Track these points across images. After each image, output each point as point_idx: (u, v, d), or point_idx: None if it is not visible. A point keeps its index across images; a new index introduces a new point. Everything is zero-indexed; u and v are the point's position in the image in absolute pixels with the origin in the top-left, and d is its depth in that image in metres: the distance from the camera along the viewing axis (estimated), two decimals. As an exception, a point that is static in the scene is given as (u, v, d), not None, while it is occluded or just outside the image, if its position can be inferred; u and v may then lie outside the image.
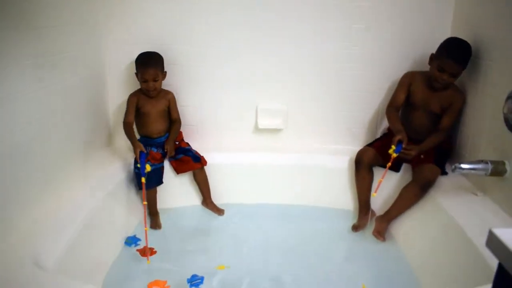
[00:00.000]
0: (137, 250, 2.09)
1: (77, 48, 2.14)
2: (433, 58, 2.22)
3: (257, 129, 2.63)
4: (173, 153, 2.36)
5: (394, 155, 2.13)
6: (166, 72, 2.40)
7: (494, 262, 0.79)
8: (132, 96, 2.38)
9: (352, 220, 2.40)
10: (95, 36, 2.37)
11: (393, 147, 2.15)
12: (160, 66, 2.35)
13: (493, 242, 0.76)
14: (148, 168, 2.15)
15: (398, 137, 2.15)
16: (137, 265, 2.01)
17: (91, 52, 2.33)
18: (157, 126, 2.40)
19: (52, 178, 1.92)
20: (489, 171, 1.89)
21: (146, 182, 2.23)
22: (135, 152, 2.22)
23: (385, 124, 2.60)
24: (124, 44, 2.47)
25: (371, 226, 2.29)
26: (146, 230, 2.01)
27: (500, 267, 0.76)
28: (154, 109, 2.38)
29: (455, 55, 2.13)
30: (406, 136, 2.17)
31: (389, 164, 2.13)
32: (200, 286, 1.81)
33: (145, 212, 2.11)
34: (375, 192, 2.17)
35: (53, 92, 1.90)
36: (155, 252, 2.08)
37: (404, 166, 2.41)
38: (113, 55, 2.49)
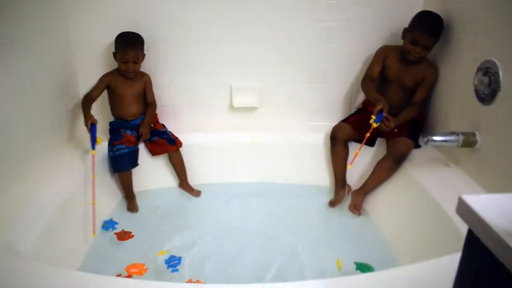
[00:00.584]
0: (115, 233, 2.07)
1: (37, 29, 2.03)
2: (405, 32, 2.24)
3: (232, 108, 2.62)
4: (148, 137, 2.33)
5: (375, 125, 2.09)
6: (145, 54, 2.36)
7: (465, 229, 0.81)
8: (105, 76, 2.33)
9: (329, 195, 2.43)
10: (60, 15, 2.28)
11: (373, 117, 2.11)
12: (141, 48, 2.30)
13: (463, 209, 0.78)
14: (99, 141, 2.13)
15: (379, 107, 2.12)
16: (115, 248, 2.00)
17: (55, 32, 2.23)
18: (131, 109, 2.36)
19: (22, 165, 1.87)
20: (461, 142, 1.93)
21: (122, 164, 2.22)
22: (86, 124, 2.15)
23: (359, 99, 2.62)
24: (92, 23, 2.39)
25: (348, 201, 2.32)
26: (94, 177, 2.04)
27: (470, 232, 0.78)
28: (129, 91, 2.33)
29: (427, 28, 2.14)
30: (386, 104, 2.14)
31: (368, 134, 2.09)
32: (177, 267, 1.80)
33: (93, 185, 2.06)
34: (350, 164, 2.18)
35: (14, 74, 1.82)
36: (132, 236, 2.07)
37: (379, 141, 2.44)
38: (81, 35, 2.40)
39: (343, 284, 1.25)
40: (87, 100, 2.26)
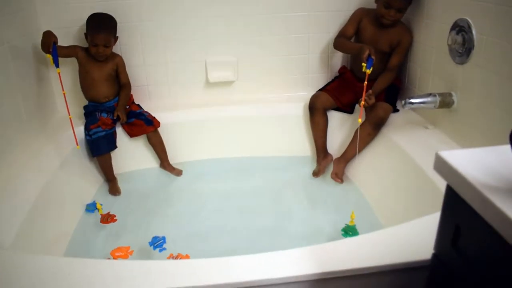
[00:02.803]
0: (101, 216, 2.04)
1: (3, 11, 1.95)
2: None
3: (208, 83, 2.58)
4: (125, 120, 2.28)
5: (368, 71, 2.02)
6: (118, 37, 2.29)
7: (444, 187, 0.81)
8: (78, 47, 2.27)
9: (312, 165, 2.43)
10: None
11: (364, 64, 2.05)
12: (113, 31, 2.24)
13: (440, 165, 0.78)
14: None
15: (366, 52, 2.06)
16: (99, 232, 1.98)
17: (21, 15, 2.14)
18: (104, 90, 2.31)
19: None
20: (438, 103, 1.94)
21: (99, 147, 2.18)
22: (46, 42, 2.05)
23: (336, 67, 2.60)
24: (61, 4, 2.31)
25: (330, 169, 2.33)
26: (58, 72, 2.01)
27: (448, 187, 0.79)
28: (99, 72, 2.28)
29: None
30: (371, 47, 2.09)
31: (366, 82, 2.01)
32: (164, 245, 1.80)
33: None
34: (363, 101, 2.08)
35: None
36: (115, 220, 2.05)
37: (357, 107, 2.44)
38: (48, 17, 2.32)
39: (328, 250, 1.26)
40: (48, 32, 2.13)
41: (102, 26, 2.19)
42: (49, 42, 2.05)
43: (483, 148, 0.80)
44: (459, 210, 0.75)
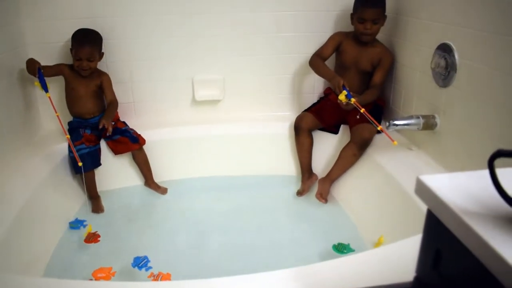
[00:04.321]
0: (84, 241, 1.99)
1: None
2: (352, 16, 2.30)
3: (195, 102, 2.58)
4: (110, 131, 2.20)
5: (353, 100, 2.04)
6: (103, 53, 2.30)
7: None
8: (62, 64, 2.29)
9: (297, 185, 2.43)
10: (11, 12, 2.18)
11: (344, 92, 2.07)
12: (97, 46, 2.24)
13: (421, 189, 0.79)
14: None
15: (341, 82, 2.12)
16: (81, 251, 1.95)
17: (6, 30, 2.13)
18: (89, 107, 2.30)
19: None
20: (421, 125, 1.97)
21: (83, 164, 2.16)
22: (31, 68, 2.12)
23: (321, 88, 2.63)
24: (47, 21, 2.31)
25: (315, 189, 2.33)
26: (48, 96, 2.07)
27: (429, 212, 0.79)
28: (85, 89, 2.28)
29: (367, 2, 2.21)
30: (344, 79, 2.16)
31: (363, 109, 2.00)
32: (149, 264, 1.77)
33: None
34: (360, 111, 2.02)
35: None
36: (99, 240, 1.99)
37: (342, 128, 2.46)
38: (35, 33, 2.31)
39: (312, 271, 1.25)
40: (32, 59, 2.19)
41: (86, 40, 2.19)
42: (33, 68, 2.10)
43: (464, 173, 0.81)
44: (440, 234, 0.75)
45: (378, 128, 1.99)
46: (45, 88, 2.09)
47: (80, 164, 2.00)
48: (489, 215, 0.68)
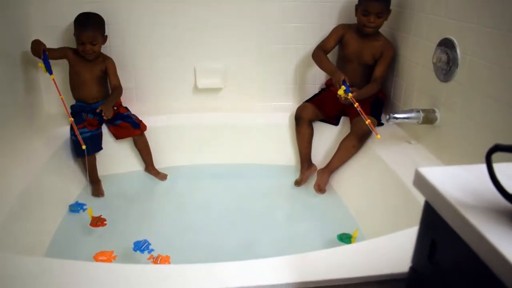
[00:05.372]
0: (90, 225, 1.98)
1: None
2: (356, 7, 2.30)
3: (197, 89, 2.59)
4: (110, 116, 2.23)
5: (350, 95, 2.06)
6: (107, 36, 2.30)
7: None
8: (67, 48, 2.29)
9: (295, 175, 2.45)
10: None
11: (343, 87, 2.10)
12: (99, 29, 2.24)
13: (419, 181, 0.80)
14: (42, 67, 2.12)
15: (342, 77, 2.14)
16: (81, 234, 1.97)
17: (11, 13, 2.13)
18: (92, 91, 2.31)
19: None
20: (421, 119, 1.98)
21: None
22: (36, 49, 2.13)
23: (323, 79, 2.64)
24: (52, 4, 2.31)
25: (313, 179, 2.35)
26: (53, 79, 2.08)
27: (426, 203, 0.81)
28: (89, 73, 2.29)
29: None
30: (345, 75, 2.17)
31: (357, 104, 2.03)
32: (150, 247, 1.79)
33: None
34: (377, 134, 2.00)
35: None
36: (105, 224, 1.99)
37: (343, 119, 2.47)
38: (39, 16, 2.32)
39: (307, 260, 1.27)
40: (37, 40, 2.19)
41: (88, 24, 2.19)
42: (38, 50, 2.11)
43: (462, 166, 0.83)
44: (436, 225, 0.77)
45: (366, 122, 2.01)
46: (49, 70, 2.10)
47: (83, 147, 2.02)
48: (485, 208, 0.69)
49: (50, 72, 2.09)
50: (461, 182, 0.77)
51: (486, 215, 0.68)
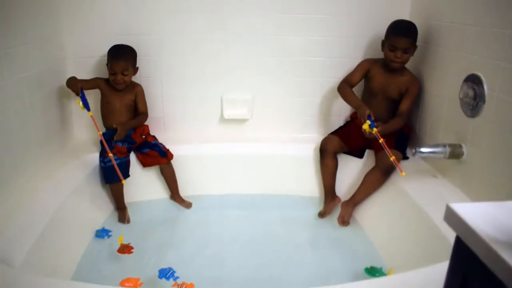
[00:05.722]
0: (118, 251, 2.02)
1: (33, 41, 2.05)
2: (383, 43, 2.33)
3: (223, 120, 2.65)
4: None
5: (375, 130, 2.07)
6: (138, 67, 2.38)
7: (451, 237, 0.84)
8: (99, 78, 2.38)
9: (319, 206, 2.45)
10: (54, 27, 2.30)
11: (368, 122, 2.12)
12: (131, 60, 2.33)
13: (450, 216, 0.81)
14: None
15: (367, 112, 2.16)
16: (106, 260, 2.00)
17: (48, 44, 2.24)
18: (122, 120, 2.37)
19: (12, 176, 1.86)
20: (447, 154, 1.97)
21: (113, 175, 2.22)
22: (74, 89, 2.21)
23: (347, 112, 2.66)
24: (86, 36, 2.42)
25: (337, 211, 2.35)
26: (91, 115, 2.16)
27: (458, 239, 0.81)
28: (119, 101, 2.36)
29: (400, 31, 2.24)
30: (370, 109, 2.19)
31: (382, 139, 2.04)
32: (175, 275, 1.81)
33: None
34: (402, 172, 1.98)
35: (7, 86, 1.83)
36: (132, 252, 2.00)
37: (367, 152, 2.48)
38: (74, 47, 2.43)
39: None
40: (73, 77, 2.29)
41: (119, 54, 2.28)
42: (76, 88, 2.21)
43: (492, 203, 0.83)
44: (467, 261, 0.77)
45: (391, 159, 2.01)
46: (87, 107, 2.18)
47: (119, 172, 2.07)
48: (517, 244, 0.70)
49: (88, 109, 2.18)
50: (492, 218, 0.78)
51: (518, 251, 0.68)
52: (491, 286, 0.71)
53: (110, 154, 2.10)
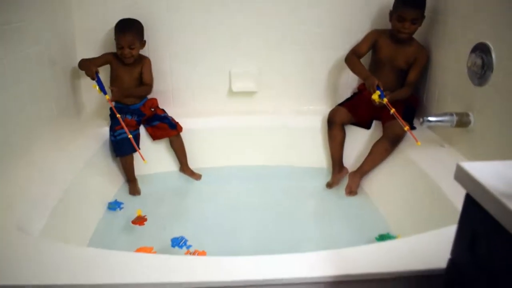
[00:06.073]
0: (132, 222, 2.09)
1: (41, 16, 2.06)
2: (391, 13, 2.32)
3: (231, 93, 2.66)
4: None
5: (385, 100, 2.11)
6: (145, 41, 2.39)
7: (458, 202, 0.87)
8: (108, 53, 2.39)
9: (327, 177, 2.49)
10: (62, 1, 2.31)
11: (377, 92, 2.15)
12: (138, 34, 2.33)
13: (461, 174, 0.84)
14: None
15: (376, 82, 2.18)
16: (119, 231, 2.05)
17: (57, 19, 2.25)
18: (131, 93, 2.40)
19: (26, 150, 1.90)
20: (455, 122, 1.99)
21: (123, 148, 2.26)
22: (90, 74, 2.22)
23: (355, 83, 2.67)
24: (94, 10, 2.43)
25: (345, 182, 2.38)
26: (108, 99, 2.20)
27: (468, 196, 0.84)
28: (128, 76, 2.38)
29: (409, 1, 2.23)
30: (379, 80, 2.21)
31: (393, 109, 2.07)
32: (187, 243, 1.86)
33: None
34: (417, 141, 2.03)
35: (18, 61, 1.85)
36: (144, 224, 2.07)
37: (375, 123, 2.49)
38: (83, 21, 2.44)
39: (344, 255, 1.31)
40: (86, 60, 2.30)
41: (126, 28, 2.29)
42: (92, 72, 2.21)
43: (501, 162, 0.86)
44: (477, 216, 0.80)
45: (405, 129, 2.05)
46: (103, 90, 2.19)
47: (130, 137, 2.12)
48: (526, 199, 0.72)
49: (105, 92, 2.19)
50: (501, 175, 0.80)
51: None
52: (500, 241, 0.74)
53: (118, 116, 2.14)
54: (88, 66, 2.24)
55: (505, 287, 0.75)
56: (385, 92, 2.16)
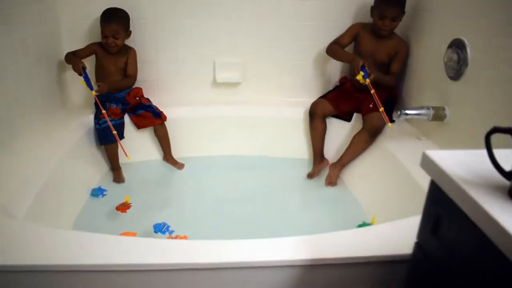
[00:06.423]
0: (116, 208, 2.13)
1: (28, 3, 2.07)
2: (372, 9, 2.37)
3: (216, 83, 2.69)
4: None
5: (367, 81, 2.17)
6: (130, 31, 2.40)
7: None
8: (93, 43, 2.41)
9: (308, 168, 2.54)
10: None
11: (361, 73, 2.20)
12: (122, 23, 2.34)
13: (426, 162, 0.89)
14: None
15: (361, 62, 2.23)
16: (102, 217, 2.07)
17: (42, 7, 2.25)
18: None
19: (11, 137, 1.92)
20: (431, 116, 2.06)
21: (107, 136, 2.28)
22: (76, 68, 2.21)
23: (337, 77, 2.72)
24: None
25: (325, 173, 2.44)
26: (94, 95, 2.21)
27: (432, 183, 0.90)
28: (113, 65, 2.40)
29: (390, 0, 2.28)
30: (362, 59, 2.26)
31: (373, 90, 2.15)
32: (170, 229, 1.90)
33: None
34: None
35: (2, 49, 1.86)
36: (126, 212, 2.11)
37: (355, 116, 2.55)
38: (69, 10, 2.44)
39: (320, 240, 1.36)
40: (72, 54, 2.32)
41: (111, 17, 2.30)
42: (78, 68, 2.21)
43: (465, 150, 0.92)
44: (440, 202, 0.86)
45: (380, 110, 2.13)
46: (90, 86, 2.19)
47: (114, 132, 2.15)
48: (485, 185, 0.78)
49: (91, 88, 2.19)
50: (463, 163, 0.86)
51: (486, 191, 0.76)
52: (462, 223, 0.80)
53: (104, 111, 2.15)
54: (76, 62, 2.24)
55: (465, 265, 0.81)
56: (370, 71, 2.22)
